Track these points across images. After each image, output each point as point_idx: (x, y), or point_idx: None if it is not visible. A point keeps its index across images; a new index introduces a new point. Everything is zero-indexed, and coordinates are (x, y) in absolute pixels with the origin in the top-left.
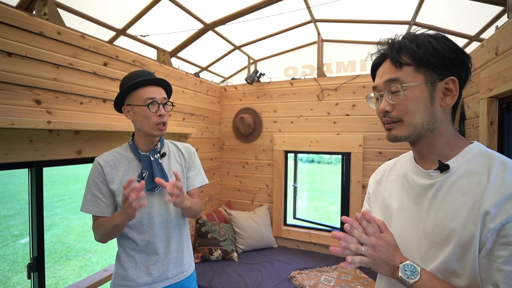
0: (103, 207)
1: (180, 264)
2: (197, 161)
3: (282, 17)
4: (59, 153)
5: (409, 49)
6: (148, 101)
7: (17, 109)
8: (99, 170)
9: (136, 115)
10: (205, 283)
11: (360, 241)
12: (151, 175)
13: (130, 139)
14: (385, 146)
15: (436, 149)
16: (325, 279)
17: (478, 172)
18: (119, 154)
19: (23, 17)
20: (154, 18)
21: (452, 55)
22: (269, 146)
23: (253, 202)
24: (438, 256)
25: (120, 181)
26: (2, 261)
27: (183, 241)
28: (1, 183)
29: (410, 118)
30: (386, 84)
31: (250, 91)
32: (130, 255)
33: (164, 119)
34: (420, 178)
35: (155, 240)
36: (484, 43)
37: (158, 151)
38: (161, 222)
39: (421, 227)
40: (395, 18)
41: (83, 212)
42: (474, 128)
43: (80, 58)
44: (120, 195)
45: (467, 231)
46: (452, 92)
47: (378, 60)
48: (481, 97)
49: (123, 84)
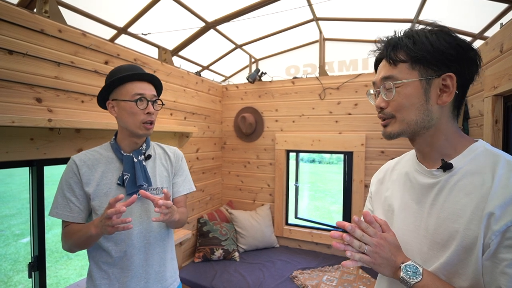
0: (75, 212)
1: (161, 279)
2: (185, 166)
3: (284, 16)
4: (60, 151)
5: (405, 46)
6: (136, 96)
7: (18, 107)
8: (74, 170)
9: (122, 112)
10: (206, 283)
11: (362, 241)
12: (133, 178)
13: (112, 138)
14: (388, 145)
15: (437, 147)
16: (327, 279)
17: (482, 172)
18: (98, 153)
19: (24, 14)
20: (156, 17)
21: (451, 50)
22: (271, 145)
23: (254, 201)
24: (439, 257)
25: (97, 183)
26: (4, 261)
27: (166, 253)
28: (2, 183)
29: (403, 114)
30: (382, 81)
31: (252, 90)
32: (103, 270)
33: (152, 118)
34: (423, 177)
35: (132, 252)
36: (489, 40)
37: (143, 152)
38: (140, 231)
39: (422, 226)
40: (398, 16)
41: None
42: (478, 126)
43: (81, 56)
44: (96, 199)
45: (470, 232)
46: (449, 88)
47: (379, 56)
48: (486, 95)
49: (110, 77)
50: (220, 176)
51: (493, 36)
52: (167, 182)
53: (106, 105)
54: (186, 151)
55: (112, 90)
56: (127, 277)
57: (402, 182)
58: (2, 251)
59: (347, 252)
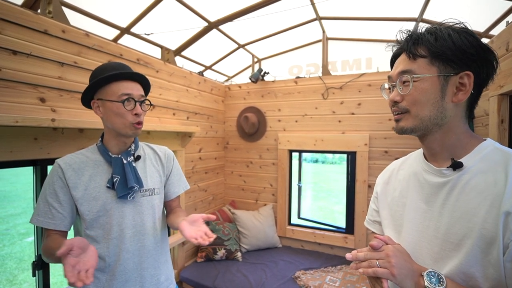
0: (57, 219)
1: (156, 283)
2: (177, 165)
3: (286, 15)
4: (63, 151)
5: (426, 41)
6: (123, 97)
7: (22, 107)
8: (59, 174)
9: (108, 112)
10: (209, 282)
11: (367, 258)
12: (124, 180)
13: (99, 140)
14: (391, 145)
15: (447, 146)
16: (330, 279)
17: (493, 171)
18: (84, 156)
19: (28, 15)
20: (158, 17)
21: (472, 50)
22: (274, 145)
23: (257, 201)
24: (452, 257)
25: (85, 187)
26: (9, 259)
27: (161, 255)
28: (8, 182)
29: (418, 109)
30: (399, 74)
31: (254, 90)
32: (96, 277)
33: (140, 119)
34: (433, 177)
35: (125, 256)
36: (494, 39)
37: (132, 153)
38: (134, 234)
39: (432, 226)
40: (401, 15)
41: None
42: (484, 126)
43: (85, 57)
44: (84, 204)
45: (486, 231)
46: (465, 87)
47: (397, 52)
48: (491, 94)
49: (95, 75)
50: (222, 176)
51: (499, 34)
52: (159, 183)
53: (90, 105)
54: (188, 151)
55: (97, 90)
56: (119, 282)
57: (410, 182)
58: (7, 250)
59: (359, 270)
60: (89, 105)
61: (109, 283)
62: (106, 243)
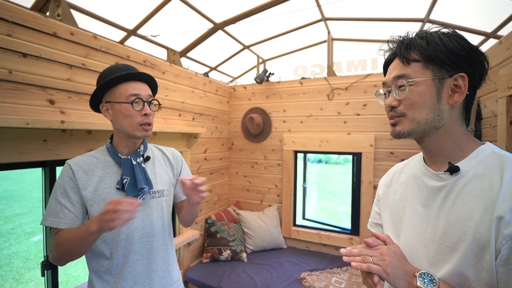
0: (69, 219)
1: (165, 285)
2: (186, 166)
3: (292, 16)
4: (72, 152)
5: (418, 46)
6: (131, 97)
7: (32, 109)
8: (70, 175)
9: (117, 114)
10: (214, 283)
11: (362, 254)
12: (133, 181)
13: (108, 142)
14: (397, 146)
15: (444, 149)
16: (336, 280)
17: (490, 175)
18: (94, 158)
19: (37, 18)
20: (165, 18)
21: (463, 52)
22: (279, 146)
23: (262, 202)
24: (447, 261)
25: (95, 188)
26: (16, 258)
27: (169, 257)
28: (14, 182)
29: (414, 113)
30: (394, 79)
31: (259, 90)
32: (104, 280)
33: (150, 119)
34: (430, 180)
35: (134, 258)
36: (503, 39)
37: (141, 154)
38: (143, 236)
39: (429, 230)
40: (408, 15)
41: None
42: (492, 127)
43: (92, 59)
44: (94, 205)
45: (479, 236)
46: (460, 88)
47: (389, 58)
48: (500, 96)
49: (102, 78)
50: (227, 176)
51: (507, 35)
52: (168, 184)
53: (99, 108)
54: (194, 151)
55: (105, 92)
56: (129, 284)
57: (410, 185)
58: (14, 249)
59: (352, 263)
60: (98, 109)
61: (117, 285)
62: (115, 245)
